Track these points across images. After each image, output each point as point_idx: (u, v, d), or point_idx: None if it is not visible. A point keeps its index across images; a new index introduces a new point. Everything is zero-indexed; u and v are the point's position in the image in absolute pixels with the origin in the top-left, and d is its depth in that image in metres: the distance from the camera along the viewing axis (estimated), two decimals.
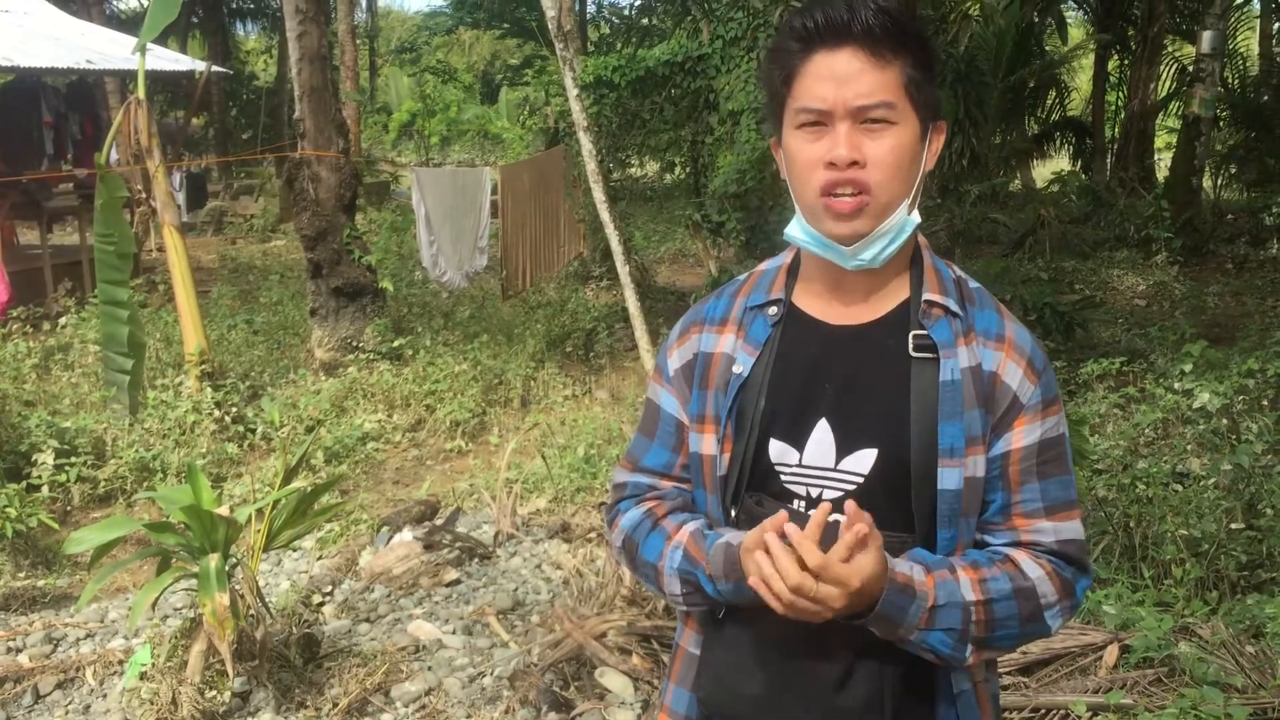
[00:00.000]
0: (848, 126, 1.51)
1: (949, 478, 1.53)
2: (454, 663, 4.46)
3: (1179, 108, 18.03)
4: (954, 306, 1.59)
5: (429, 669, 4.39)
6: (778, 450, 1.60)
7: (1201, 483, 5.56)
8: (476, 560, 5.58)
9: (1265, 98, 17.13)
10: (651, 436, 1.77)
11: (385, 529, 5.91)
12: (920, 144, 1.56)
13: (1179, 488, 5.56)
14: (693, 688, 1.72)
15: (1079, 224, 15.66)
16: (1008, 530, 1.59)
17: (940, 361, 1.56)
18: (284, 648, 4.21)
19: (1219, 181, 17.84)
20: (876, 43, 1.50)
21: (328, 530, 6.05)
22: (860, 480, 1.56)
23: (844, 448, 1.57)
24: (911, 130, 1.54)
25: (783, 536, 1.43)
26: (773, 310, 1.66)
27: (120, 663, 4.40)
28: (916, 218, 1.59)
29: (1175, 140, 17.24)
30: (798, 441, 1.59)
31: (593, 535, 5.88)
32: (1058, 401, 1.61)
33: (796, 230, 1.62)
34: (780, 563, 1.41)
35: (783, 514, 1.46)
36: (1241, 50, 19.90)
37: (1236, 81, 18.20)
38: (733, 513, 1.63)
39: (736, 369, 1.64)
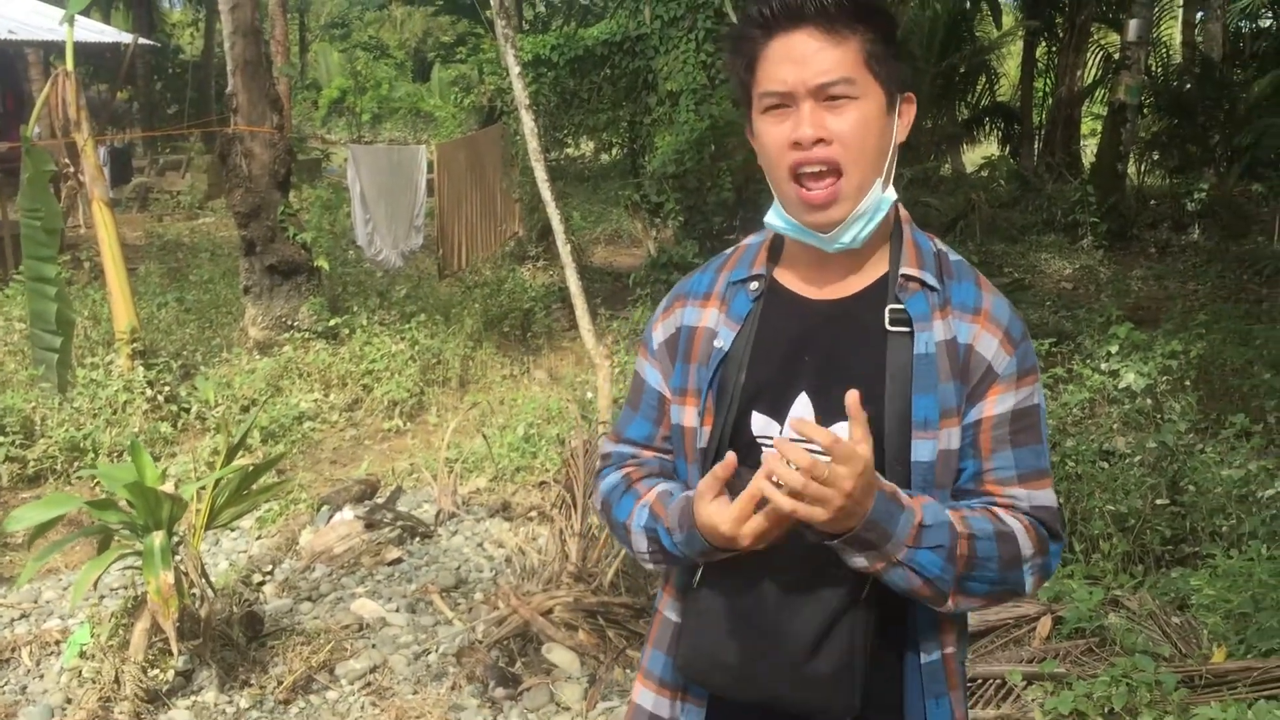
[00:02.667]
0: (810, 105, 1.54)
1: (922, 449, 1.56)
2: (398, 640, 4.46)
3: (1104, 95, 18.40)
4: (931, 280, 1.62)
5: (374, 647, 4.40)
6: (760, 423, 1.63)
7: (1127, 460, 5.72)
8: (418, 539, 5.57)
9: (1188, 86, 17.51)
10: (636, 409, 1.81)
11: (325, 508, 5.88)
12: (887, 117, 1.59)
13: (1106, 465, 5.71)
14: (669, 652, 1.75)
15: (1008, 208, 15.93)
16: (982, 495, 1.61)
17: (915, 335, 1.58)
18: (226, 626, 4.19)
19: (1142, 167, 18.23)
20: (831, 20, 1.53)
21: (266, 510, 5.99)
22: None
23: (823, 420, 1.59)
24: (876, 103, 1.56)
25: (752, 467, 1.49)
26: (754, 285, 1.69)
27: (57, 643, 4.34)
28: (892, 194, 1.62)
29: (1101, 127, 17.58)
30: (779, 414, 1.62)
31: (534, 514, 5.90)
32: (1034, 372, 1.63)
33: (775, 219, 1.64)
34: (790, 451, 1.40)
35: (731, 456, 1.49)
36: (1165, 39, 20.35)
37: (1160, 70, 18.60)
38: None
39: (718, 343, 1.67)
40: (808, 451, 1.39)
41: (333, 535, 5.44)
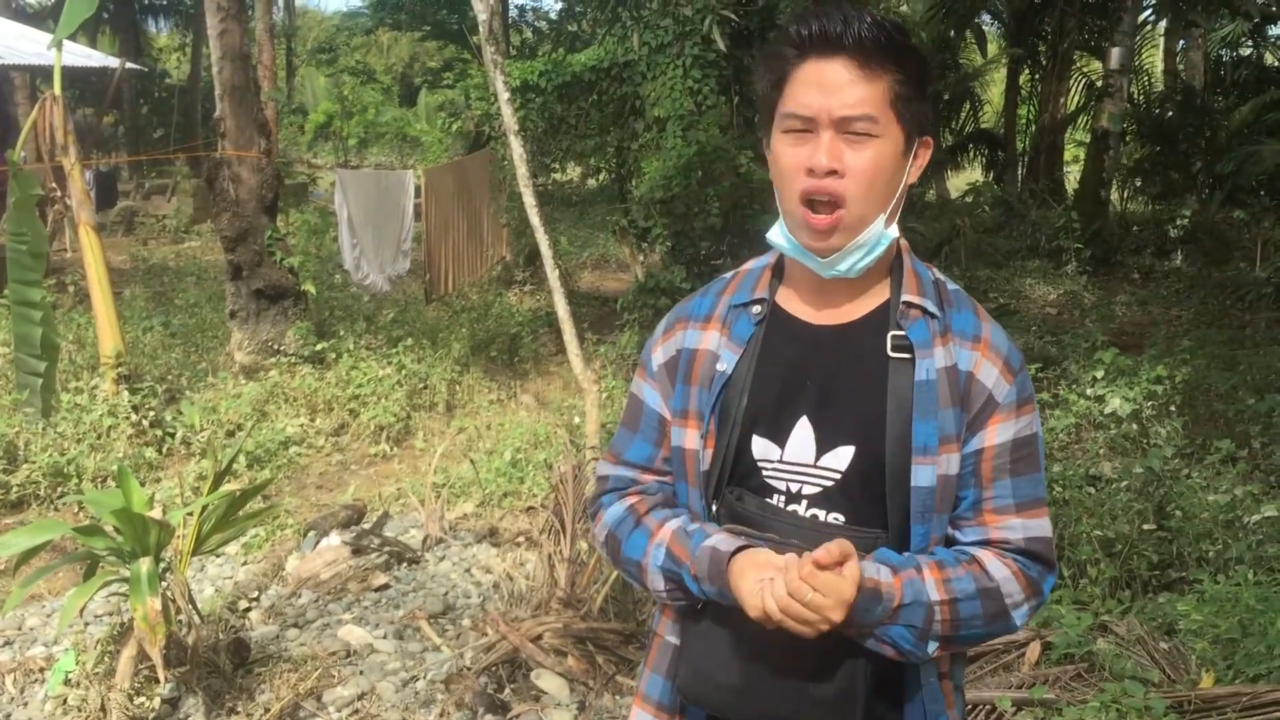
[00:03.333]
0: (831, 135, 1.56)
1: (922, 475, 1.58)
2: (386, 667, 4.44)
3: (1087, 122, 18.53)
4: (932, 308, 1.64)
5: (361, 673, 4.37)
6: (760, 447, 1.65)
7: (1114, 485, 5.75)
8: (405, 565, 5.55)
9: (1169, 113, 17.68)
10: (634, 430, 1.81)
11: (311, 534, 5.86)
12: (903, 158, 1.61)
13: (1093, 490, 5.74)
14: (667, 675, 1.75)
15: (992, 234, 16.01)
16: (977, 526, 1.63)
17: (916, 361, 1.60)
18: (213, 654, 4.16)
19: (1125, 194, 18.37)
20: (867, 55, 1.54)
21: (252, 535, 5.96)
22: (838, 476, 1.61)
23: (823, 445, 1.61)
24: (894, 144, 1.58)
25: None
26: (756, 309, 1.71)
27: (41, 670, 4.30)
28: (894, 231, 1.64)
29: (1084, 153, 17.70)
30: (779, 438, 1.63)
31: (521, 539, 5.88)
32: (1032, 401, 1.66)
33: (778, 236, 1.66)
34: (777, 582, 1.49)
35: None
36: (1147, 67, 20.53)
37: (1142, 97, 18.77)
38: (713, 507, 1.67)
39: (721, 366, 1.68)
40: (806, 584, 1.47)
41: (319, 561, 5.41)
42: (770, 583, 1.49)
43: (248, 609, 5.06)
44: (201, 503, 4.14)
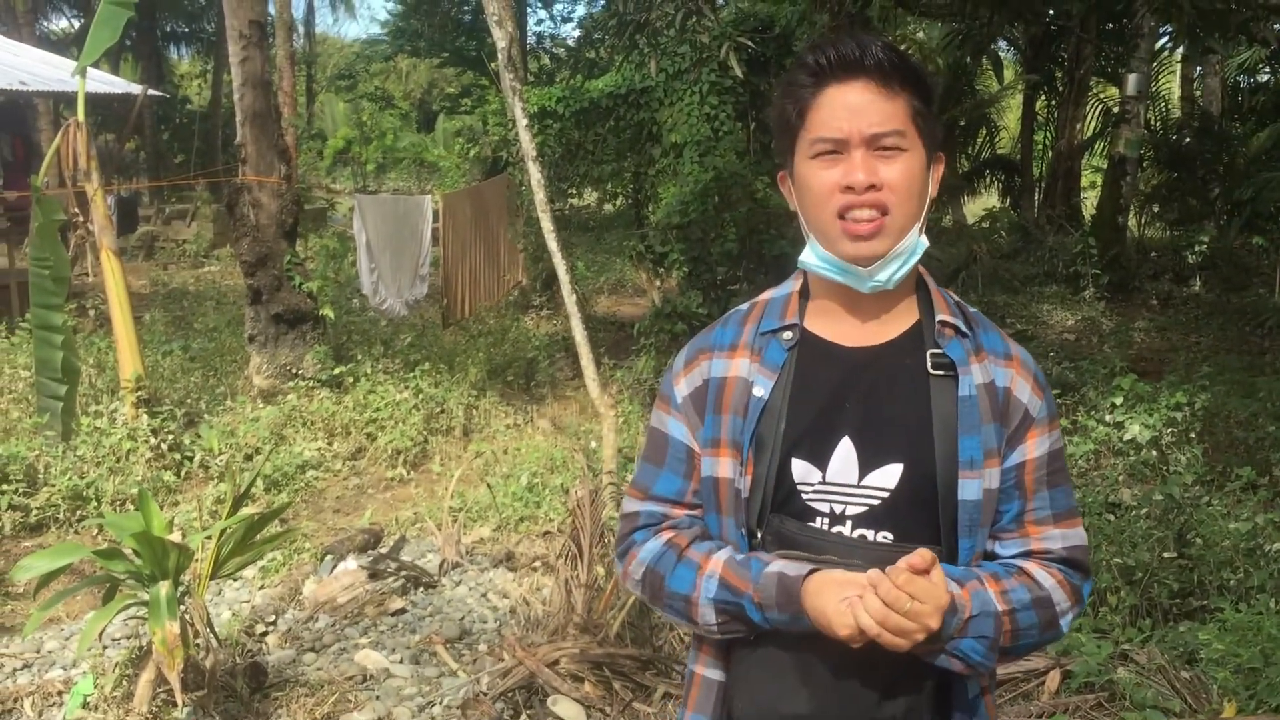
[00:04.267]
0: (863, 153, 1.60)
1: (969, 489, 1.61)
2: (403, 692, 4.43)
3: (1104, 148, 18.52)
4: (963, 327, 1.69)
5: (377, 698, 4.36)
6: (800, 470, 1.65)
7: (1134, 513, 5.70)
8: (421, 589, 5.55)
9: (1187, 140, 17.65)
10: (660, 464, 1.79)
11: (329, 558, 5.86)
12: (926, 172, 1.65)
13: (1112, 517, 5.70)
14: (714, 715, 1.73)
15: (1009, 259, 15.99)
16: (1019, 539, 1.68)
17: (958, 378, 1.64)
18: (230, 678, 4.16)
19: (1143, 220, 18.33)
20: (886, 76, 1.59)
21: (269, 559, 5.97)
22: (885, 495, 1.62)
23: (868, 464, 1.63)
24: (920, 157, 1.63)
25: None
26: (788, 335, 1.71)
27: (60, 694, 4.30)
28: (926, 241, 1.67)
29: (1101, 179, 17.68)
30: (820, 460, 1.64)
31: (538, 564, 5.88)
32: (1058, 416, 1.72)
33: (811, 257, 1.69)
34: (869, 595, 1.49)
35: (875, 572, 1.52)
36: (1164, 94, 20.51)
37: (1159, 124, 18.74)
38: (758, 534, 1.66)
39: (757, 392, 1.68)
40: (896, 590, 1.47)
41: (336, 585, 5.41)
42: (858, 599, 1.49)
43: (265, 633, 5.07)
44: (220, 526, 4.15)
